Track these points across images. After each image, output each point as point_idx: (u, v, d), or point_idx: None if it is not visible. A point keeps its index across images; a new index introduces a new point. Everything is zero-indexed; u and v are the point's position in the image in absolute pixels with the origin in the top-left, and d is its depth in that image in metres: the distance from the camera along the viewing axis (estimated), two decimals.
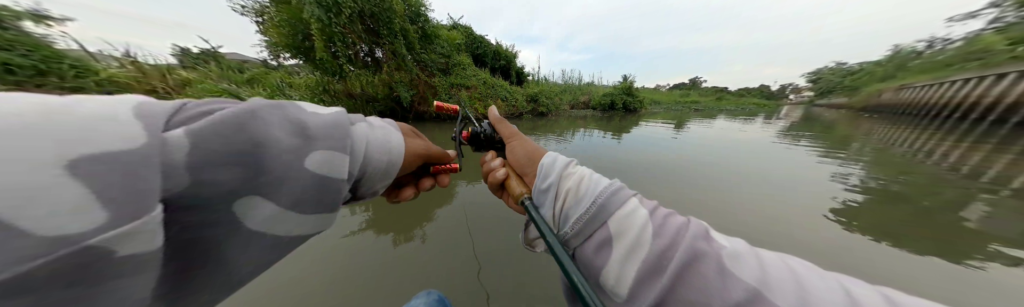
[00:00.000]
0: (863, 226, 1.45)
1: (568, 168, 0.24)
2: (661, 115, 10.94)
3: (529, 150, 0.27)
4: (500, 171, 0.27)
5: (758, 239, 1.23)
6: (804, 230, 1.41)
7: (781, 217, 1.55)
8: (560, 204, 0.22)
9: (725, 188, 2.03)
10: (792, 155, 3.30)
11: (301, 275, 1.02)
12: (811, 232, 1.39)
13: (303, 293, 0.94)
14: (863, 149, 3.79)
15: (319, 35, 4.32)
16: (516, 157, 0.27)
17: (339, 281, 1.01)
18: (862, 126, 7.11)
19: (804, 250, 1.23)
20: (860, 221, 1.51)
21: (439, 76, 6.97)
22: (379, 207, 1.70)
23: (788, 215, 1.57)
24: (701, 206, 1.73)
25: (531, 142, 0.28)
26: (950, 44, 22.47)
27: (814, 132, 5.56)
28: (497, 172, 0.27)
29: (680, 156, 3.16)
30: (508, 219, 1.46)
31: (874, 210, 1.68)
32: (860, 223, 1.49)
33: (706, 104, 18.56)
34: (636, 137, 4.85)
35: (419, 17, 6.09)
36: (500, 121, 0.31)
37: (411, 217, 1.56)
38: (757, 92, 54.70)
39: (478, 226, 1.41)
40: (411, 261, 1.14)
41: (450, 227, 1.41)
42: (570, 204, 0.21)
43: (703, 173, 2.45)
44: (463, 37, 8.34)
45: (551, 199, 0.22)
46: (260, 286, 0.90)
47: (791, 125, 7.04)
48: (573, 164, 0.25)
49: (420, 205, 1.71)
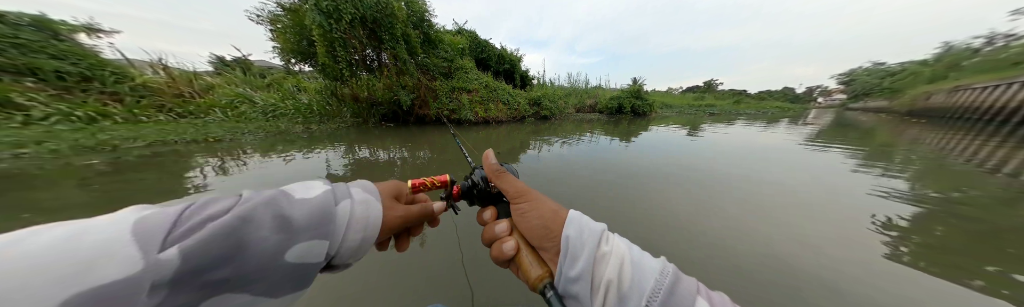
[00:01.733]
0: (915, 250, 1.24)
1: (602, 245, 0.18)
2: (673, 119, 10.54)
3: (545, 217, 0.21)
4: (508, 243, 0.22)
5: (791, 263, 1.09)
6: (840, 249, 1.21)
7: (814, 234, 1.33)
8: (599, 301, 0.17)
9: (746, 197, 1.83)
10: (823, 162, 2.99)
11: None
12: (849, 253, 1.18)
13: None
14: (910, 158, 3.33)
15: (321, 41, 4.53)
16: (529, 226, 0.21)
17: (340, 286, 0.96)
18: (907, 132, 6.44)
19: (839, 275, 1.05)
20: (911, 243, 1.29)
21: (440, 80, 7.10)
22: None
23: (823, 231, 1.35)
24: (716, 216, 1.54)
25: (547, 202, 0.22)
26: (1016, 40, 20.38)
27: (845, 138, 5.05)
28: (504, 244, 0.22)
29: (697, 161, 2.97)
30: None
31: (929, 230, 1.42)
32: (911, 247, 1.27)
33: (723, 108, 17.71)
34: (646, 140, 4.67)
35: (422, 22, 6.28)
36: (499, 175, 0.24)
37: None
38: (780, 95, 51.56)
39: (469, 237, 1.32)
40: (409, 273, 1.09)
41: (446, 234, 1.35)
42: (613, 303, 0.16)
43: (721, 180, 2.26)
44: (467, 41, 8.51)
45: (586, 292, 0.17)
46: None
47: (818, 132, 6.43)
48: (606, 237, 0.19)
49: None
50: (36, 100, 4.80)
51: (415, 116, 6.94)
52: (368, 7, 4.65)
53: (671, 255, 0.88)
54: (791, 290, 0.96)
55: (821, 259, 1.14)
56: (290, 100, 7.09)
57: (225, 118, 6.11)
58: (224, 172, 2.52)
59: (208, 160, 2.99)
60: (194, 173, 2.49)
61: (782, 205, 1.76)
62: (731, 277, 1.03)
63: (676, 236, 1.33)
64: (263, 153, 3.38)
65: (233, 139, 4.29)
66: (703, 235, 1.33)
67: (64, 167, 2.57)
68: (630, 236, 0.22)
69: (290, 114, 6.58)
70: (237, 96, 6.74)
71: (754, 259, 1.14)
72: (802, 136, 5.49)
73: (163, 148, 3.53)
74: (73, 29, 6.75)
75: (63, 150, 3.05)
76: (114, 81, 6.08)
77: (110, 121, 5.08)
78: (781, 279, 1.01)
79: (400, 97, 5.98)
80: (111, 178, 2.26)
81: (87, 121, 4.83)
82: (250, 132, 4.84)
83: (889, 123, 9.72)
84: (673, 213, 1.60)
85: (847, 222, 1.50)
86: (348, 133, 5.43)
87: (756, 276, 1.03)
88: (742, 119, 11.03)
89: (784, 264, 1.11)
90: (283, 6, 5.10)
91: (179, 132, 4.29)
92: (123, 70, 6.41)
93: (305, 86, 8.29)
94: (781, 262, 1.12)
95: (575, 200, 1.81)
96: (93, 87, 5.92)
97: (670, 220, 1.50)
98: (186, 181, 2.23)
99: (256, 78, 9.61)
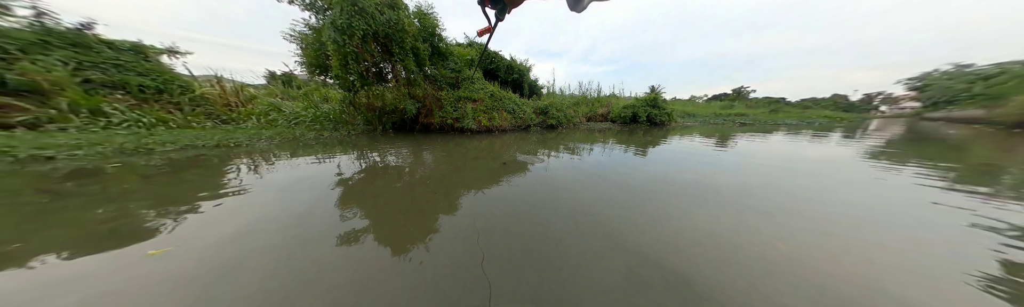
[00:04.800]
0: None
1: None
2: (696, 129, 9.79)
3: None
4: None
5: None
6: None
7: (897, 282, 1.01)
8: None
9: (803, 228, 1.49)
10: (903, 188, 2.29)
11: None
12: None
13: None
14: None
15: (334, 55, 5.03)
16: None
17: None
18: (1019, 149, 4.98)
19: None
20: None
21: (447, 90, 7.42)
22: (382, 216, 1.80)
23: (908, 280, 1.02)
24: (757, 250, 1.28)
25: None
26: None
27: (926, 156, 3.92)
28: None
29: (734, 181, 2.61)
30: (519, 234, 1.41)
31: None
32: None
33: (756, 117, 16.13)
34: (662, 152, 4.31)
35: (433, 36, 6.73)
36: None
37: (417, 230, 1.61)
38: (828, 103, 45.27)
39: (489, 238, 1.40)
40: (418, 276, 1.14)
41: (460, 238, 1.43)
42: None
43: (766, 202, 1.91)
44: (477, 53, 8.89)
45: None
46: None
47: (885, 144, 5.33)
48: None
49: (425, 216, 1.76)
50: (118, 109, 5.86)
51: (421, 124, 7.25)
52: (380, 23, 5.12)
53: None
54: None
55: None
56: (312, 109, 7.84)
57: (259, 125, 6.93)
58: (227, 174, 2.82)
59: (225, 163, 3.37)
60: (198, 176, 2.82)
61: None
62: None
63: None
64: (274, 156, 3.77)
65: (249, 144, 4.81)
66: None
67: (97, 167, 3.06)
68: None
69: (307, 122, 7.25)
70: (269, 105, 7.62)
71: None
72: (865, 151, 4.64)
73: (190, 153, 4.04)
74: (159, 52, 8.30)
75: (107, 153, 3.65)
76: (179, 93, 7.27)
77: (165, 127, 5.99)
78: None
79: (406, 106, 6.32)
80: (110, 183, 2.55)
81: (149, 126, 5.75)
82: (268, 138, 5.40)
83: (986, 137, 7.92)
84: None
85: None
86: (355, 140, 5.83)
87: None
88: (783, 131, 9.87)
89: None
90: (310, 26, 5.82)
91: (208, 137, 4.91)
92: (189, 84, 7.66)
93: (332, 96, 9.16)
94: None
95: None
96: (163, 98, 7.12)
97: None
98: (188, 186, 2.52)
99: (294, 90, 10.86)
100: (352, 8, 4.74)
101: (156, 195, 2.15)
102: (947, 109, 28.44)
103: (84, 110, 5.46)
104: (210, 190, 2.26)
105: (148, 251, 1.32)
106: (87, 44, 6.53)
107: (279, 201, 2.04)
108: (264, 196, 2.15)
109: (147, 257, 1.29)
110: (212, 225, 1.64)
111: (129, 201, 2.00)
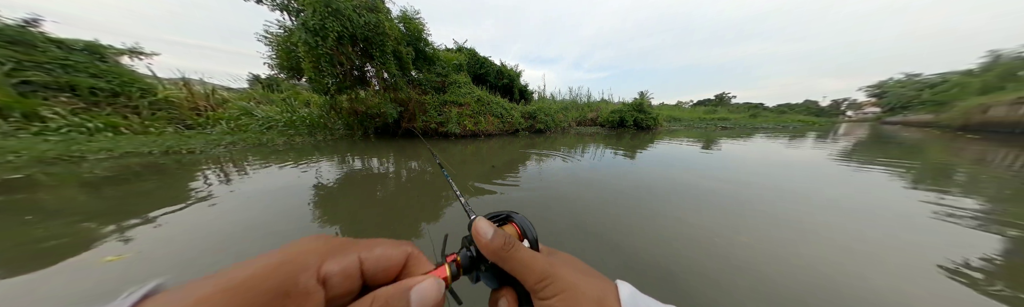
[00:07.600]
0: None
1: None
2: (681, 133, 9.98)
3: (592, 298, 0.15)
4: None
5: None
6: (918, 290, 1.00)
7: (876, 269, 1.12)
8: None
9: (787, 219, 1.57)
10: (873, 182, 2.60)
11: None
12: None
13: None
14: (978, 180, 2.83)
15: (307, 56, 4.77)
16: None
17: None
18: (966, 149, 5.60)
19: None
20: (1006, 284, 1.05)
21: (432, 94, 7.24)
22: (385, 213, 1.50)
23: (886, 264, 1.14)
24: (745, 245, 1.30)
25: (587, 285, 0.16)
26: None
27: (891, 157, 4.37)
28: None
29: (724, 180, 2.65)
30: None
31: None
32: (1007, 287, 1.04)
33: (737, 121, 16.83)
34: (649, 155, 4.30)
35: (419, 41, 6.59)
36: (506, 256, 0.17)
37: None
38: (802, 108, 48.76)
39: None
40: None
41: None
42: None
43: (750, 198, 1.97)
44: (467, 58, 8.82)
45: None
46: None
47: (851, 148, 5.68)
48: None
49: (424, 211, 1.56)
50: (58, 113, 5.27)
51: (403, 129, 6.98)
52: (359, 26, 4.92)
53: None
54: None
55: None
56: (287, 113, 7.41)
57: (226, 130, 6.43)
58: (156, 190, 2.45)
59: (164, 174, 2.97)
60: (114, 190, 2.31)
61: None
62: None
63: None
64: (226, 165, 3.36)
65: (204, 151, 4.33)
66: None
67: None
68: None
69: (280, 127, 6.82)
70: (240, 109, 7.16)
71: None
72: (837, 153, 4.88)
73: (131, 159, 3.59)
74: (119, 52, 7.70)
75: (19, 162, 3.15)
76: (139, 96, 6.70)
77: (114, 132, 5.42)
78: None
79: (387, 110, 6.06)
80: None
81: (93, 132, 5.18)
82: (229, 144, 4.95)
83: (937, 139, 8.57)
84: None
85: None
86: (331, 145, 5.47)
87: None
88: (762, 134, 10.26)
89: None
90: (285, 27, 5.55)
91: (158, 144, 4.42)
92: (151, 86, 7.09)
93: (314, 100, 8.75)
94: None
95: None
96: (119, 101, 6.52)
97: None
98: (97, 201, 2.15)
99: (274, 93, 10.35)
100: (326, 9, 4.53)
101: (44, 215, 1.70)
102: (903, 114, 31.06)
103: (16, 114, 4.87)
104: (113, 214, 1.66)
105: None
106: (31, 42, 5.94)
107: (209, 228, 1.46)
108: (198, 217, 1.61)
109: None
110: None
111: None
